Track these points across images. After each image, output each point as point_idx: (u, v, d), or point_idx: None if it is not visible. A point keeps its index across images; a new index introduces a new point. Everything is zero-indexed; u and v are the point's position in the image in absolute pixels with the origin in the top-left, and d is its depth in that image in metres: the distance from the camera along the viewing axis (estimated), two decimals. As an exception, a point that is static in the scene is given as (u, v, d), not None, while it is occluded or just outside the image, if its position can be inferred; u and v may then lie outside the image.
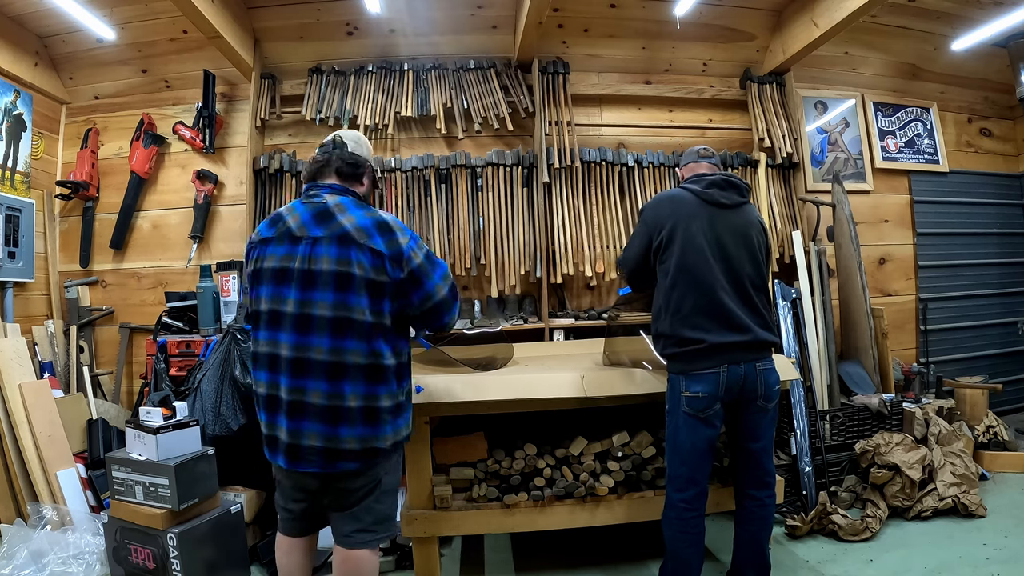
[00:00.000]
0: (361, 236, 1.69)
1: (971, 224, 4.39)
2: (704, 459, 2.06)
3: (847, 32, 3.48)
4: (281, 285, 1.71)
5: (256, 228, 1.86)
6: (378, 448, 1.72)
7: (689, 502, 2.05)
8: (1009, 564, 2.40)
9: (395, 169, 3.61)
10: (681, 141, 3.93)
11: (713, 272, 2.03)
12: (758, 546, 2.14)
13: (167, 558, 2.26)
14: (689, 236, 2.05)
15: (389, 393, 1.73)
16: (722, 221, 2.09)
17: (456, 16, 3.69)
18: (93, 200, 3.71)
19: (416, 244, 1.76)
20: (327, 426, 1.68)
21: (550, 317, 3.55)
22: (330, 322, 1.67)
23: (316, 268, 1.68)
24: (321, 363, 1.67)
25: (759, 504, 2.14)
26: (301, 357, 1.68)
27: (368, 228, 1.70)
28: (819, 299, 3.36)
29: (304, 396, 1.68)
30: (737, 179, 2.19)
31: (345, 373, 1.68)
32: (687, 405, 2.02)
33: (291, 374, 1.69)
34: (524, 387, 2.27)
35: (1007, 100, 4.56)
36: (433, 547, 2.33)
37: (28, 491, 2.78)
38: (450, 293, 1.81)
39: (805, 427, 3.02)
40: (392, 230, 1.72)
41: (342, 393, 1.67)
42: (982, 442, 3.47)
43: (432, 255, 1.80)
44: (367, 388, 1.69)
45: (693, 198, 2.12)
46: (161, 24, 3.53)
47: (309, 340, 1.68)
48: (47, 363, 3.26)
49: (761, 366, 2.05)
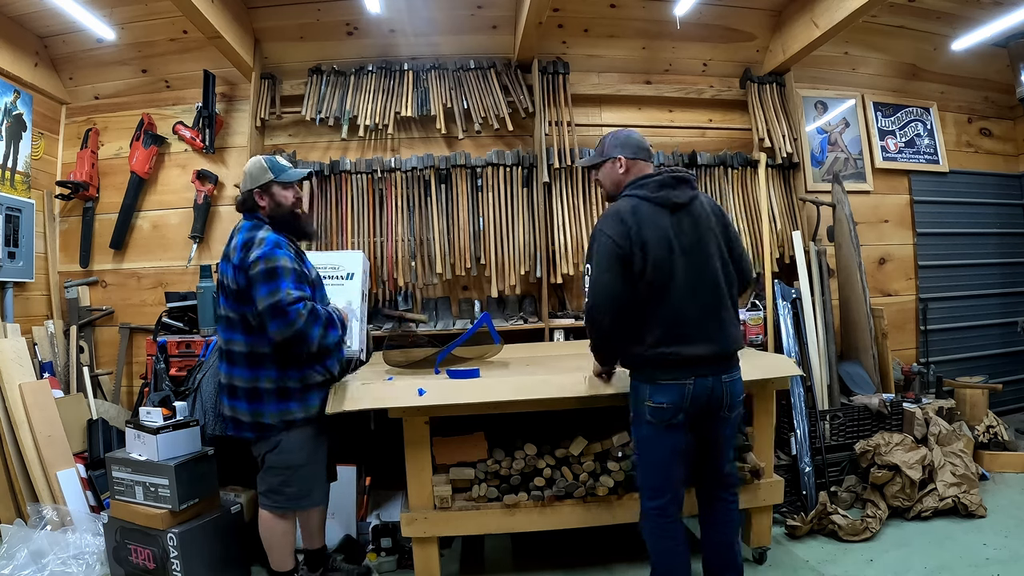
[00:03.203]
0: (232, 253, 2.13)
1: (971, 224, 4.38)
2: (672, 467, 2.00)
3: (847, 32, 3.48)
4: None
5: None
6: (264, 423, 2.14)
7: (661, 509, 2.01)
8: (1009, 564, 2.39)
9: (395, 169, 3.61)
10: (681, 141, 3.94)
11: (680, 281, 1.91)
12: (730, 549, 2.09)
13: (167, 558, 2.26)
14: (656, 246, 1.89)
15: (269, 378, 2.13)
16: (682, 223, 1.95)
17: (456, 16, 3.69)
18: (93, 200, 3.71)
19: (264, 257, 2.06)
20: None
21: (550, 317, 3.55)
22: (225, 320, 2.18)
23: (220, 280, 2.20)
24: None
25: (724, 505, 2.11)
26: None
27: (237, 246, 2.12)
28: (819, 299, 3.36)
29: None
30: (683, 171, 2.03)
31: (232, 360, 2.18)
32: (651, 415, 1.95)
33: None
34: (524, 387, 2.27)
35: (1007, 100, 4.56)
36: (433, 547, 2.33)
37: (28, 491, 2.78)
38: (269, 310, 2.02)
39: (805, 427, 3.02)
40: (251, 246, 2.09)
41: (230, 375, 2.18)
42: (982, 442, 3.47)
43: (274, 271, 2.05)
44: (250, 373, 2.14)
45: (649, 205, 1.94)
46: (161, 24, 3.53)
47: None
48: (47, 363, 3.26)
49: (728, 378, 1.98)
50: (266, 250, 2.07)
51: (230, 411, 2.20)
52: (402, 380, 2.35)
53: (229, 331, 2.17)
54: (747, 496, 2.47)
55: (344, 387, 2.24)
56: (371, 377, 2.44)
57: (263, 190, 2.23)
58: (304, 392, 2.18)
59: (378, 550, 2.63)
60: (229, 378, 2.18)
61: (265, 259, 2.05)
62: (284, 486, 2.18)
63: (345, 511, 2.79)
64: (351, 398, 2.18)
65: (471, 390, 2.26)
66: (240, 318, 2.14)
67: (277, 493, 2.19)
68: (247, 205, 2.25)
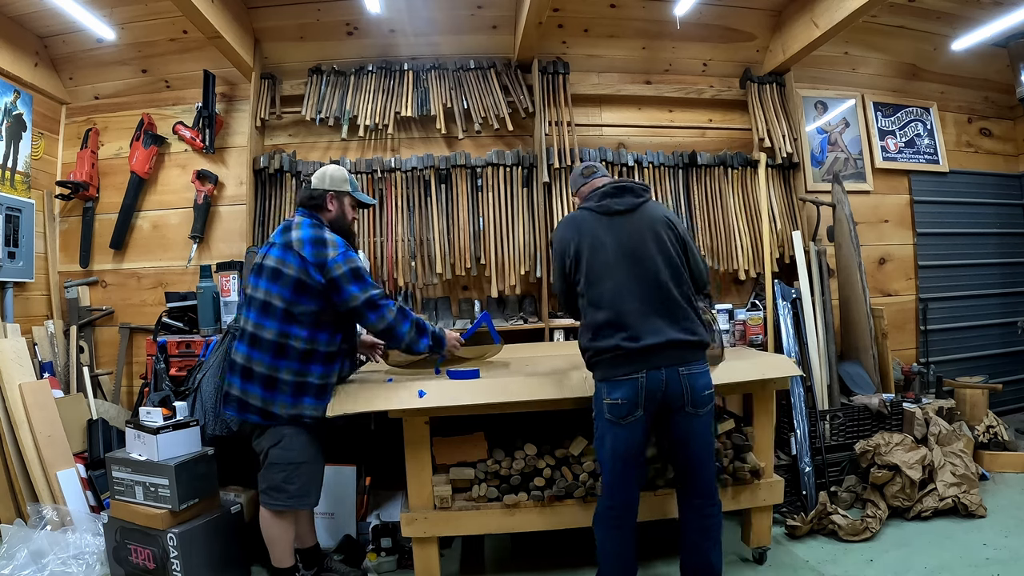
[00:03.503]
0: (298, 245, 2.16)
1: (971, 224, 4.39)
2: (627, 467, 2.03)
3: (847, 32, 3.48)
4: (252, 275, 2.27)
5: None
6: (273, 413, 2.16)
7: (612, 510, 2.04)
8: (1009, 564, 2.40)
9: (395, 169, 3.61)
10: (681, 141, 3.94)
11: (619, 279, 2.02)
12: (702, 556, 2.08)
13: (167, 558, 2.26)
14: (592, 251, 2.07)
15: (290, 369, 2.15)
16: (622, 228, 2.08)
17: (456, 16, 3.69)
18: (93, 200, 3.71)
19: (344, 259, 2.15)
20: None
21: (550, 317, 3.55)
22: (262, 304, 2.18)
23: (264, 263, 2.21)
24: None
25: (699, 514, 2.08)
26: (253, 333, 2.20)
27: (304, 240, 2.16)
28: (819, 299, 3.36)
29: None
30: (630, 182, 2.19)
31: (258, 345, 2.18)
32: (608, 412, 2.00)
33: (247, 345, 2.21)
34: (524, 387, 2.27)
35: (1007, 100, 4.56)
36: (433, 547, 2.33)
37: (28, 491, 2.78)
38: (366, 304, 2.16)
39: (805, 427, 3.02)
40: (326, 245, 2.16)
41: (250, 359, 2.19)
42: (982, 442, 3.47)
43: (358, 271, 2.17)
44: (271, 360, 2.16)
45: (590, 214, 2.13)
46: (161, 24, 3.53)
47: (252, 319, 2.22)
48: (47, 363, 3.26)
49: (685, 371, 1.99)
50: (344, 251, 2.17)
51: (240, 392, 2.19)
52: (402, 381, 2.35)
53: (263, 316, 2.17)
54: (747, 496, 2.48)
55: (345, 389, 2.24)
56: (371, 378, 2.44)
57: (337, 196, 2.32)
58: (321, 390, 2.21)
59: (378, 550, 2.63)
60: (248, 360, 2.18)
61: (346, 260, 2.15)
62: (286, 483, 2.19)
63: (345, 511, 2.80)
64: (353, 400, 2.19)
65: (471, 391, 2.25)
66: (283, 307, 2.14)
67: (278, 491, 2.19)
68: (315, 202, 2.30)
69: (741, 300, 3.83)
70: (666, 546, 2.49)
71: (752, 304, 3.54)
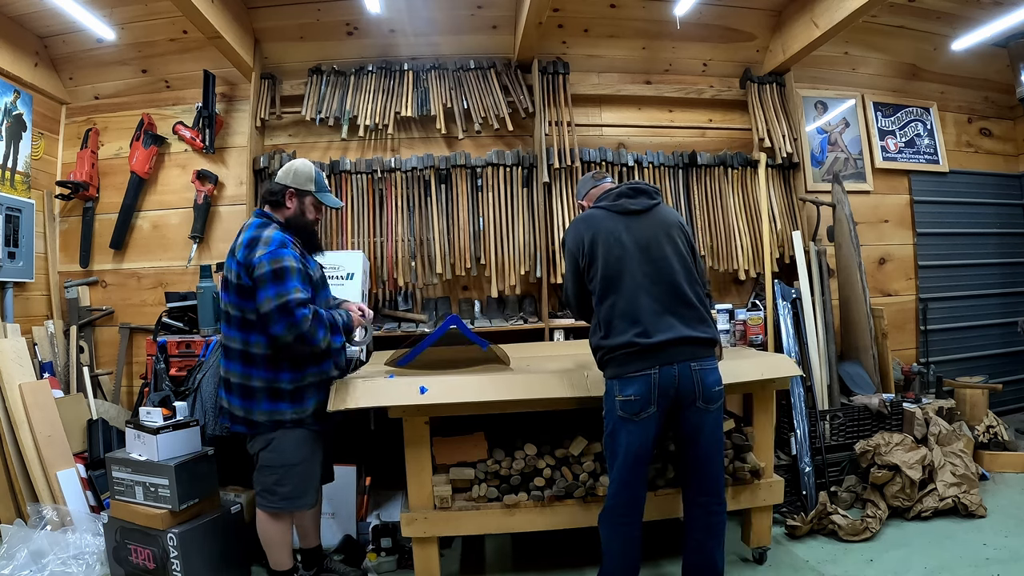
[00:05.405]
0: (237, 249, 2.12)
1: (971, 224, 4.38)
2: (638, 464, 2.03)
3: (847, 32, 3.48)
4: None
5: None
6: (254, 420, 2.15)
7: (624, 506, 2.04)
8: (1009, 564, 2.40)
9: (395, 169, 3.61)
10: (681, 141, 3.94)
11: (635, 277, 2.03)
12: (706, 555, 2.07)
13: (167, 558, 2.26)
14: (607, 248, 2.07)
15: (260, 377, 2.13)
16: (637, 226, 2.10)
17: (456, 16, 3.69)
18: (93, 200, 3.71)
19: (269, 258, 2.04)
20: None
21: (550, 317, 3.55)
22: (225, 316, 2.19)
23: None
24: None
25: (704, 511, 2.08)
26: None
27: (243, 242, 2.10)
28: (819, 299, 3.36)
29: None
30: (644, 184, 2.21)
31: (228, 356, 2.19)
32: (621, 409, 2.00)
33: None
34: (524, 387, 2.27)
35: (1007, 100, 4.56)
36: (433, 547, 2.33)
37: (28, 491, 2.78)
38: (276, 311, 2.01)
39: (805, 427, 3.02)
40: (257, 244, 2.07)
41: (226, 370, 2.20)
42: (982, 442, 3.47)
43: (281, 271, 2.04)
44: (243, 370, 2.14)
45: (605, 212, 2.15)
46: (161, 24, 3.53)
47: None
48: (47, 363, 3.26)
49: (697, 366, 2.00)
50: (272, 249, 2.06)
51: (227, 404, 2.22)
52: (403, 379, 2.35)
53: (227, 327, 2.19)
54: (747, 496, 2.48)
55: (345, 385, 2.24)
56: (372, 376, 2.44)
57: (298, 194, 2.24)
58: (297, 394, 2.17)
59: (378, 550, 2.63)
60: (226, 372, 2.20)
61: (271, 259, 2.04)
62: (278, 485, 2.17)
63: (345, 511, 2.80)
64: (353, 396, 2.18)
65: (471, 390, 2.25)
66: (239, 315, 2.14)
67: (271, 493, 2.18)
68: (274, 198, 2.24)
69: (741, 300, 3.83)
70: (666, 546, 2.49)
71: (752, 304, 3.54)
